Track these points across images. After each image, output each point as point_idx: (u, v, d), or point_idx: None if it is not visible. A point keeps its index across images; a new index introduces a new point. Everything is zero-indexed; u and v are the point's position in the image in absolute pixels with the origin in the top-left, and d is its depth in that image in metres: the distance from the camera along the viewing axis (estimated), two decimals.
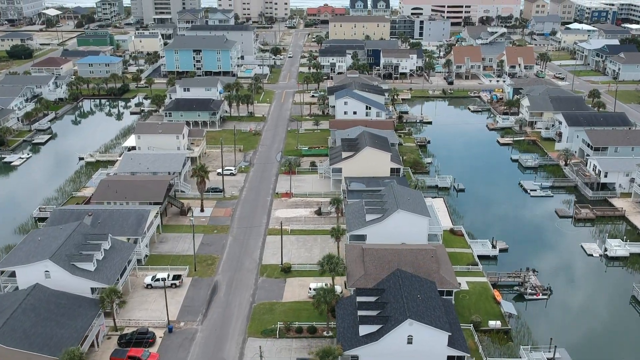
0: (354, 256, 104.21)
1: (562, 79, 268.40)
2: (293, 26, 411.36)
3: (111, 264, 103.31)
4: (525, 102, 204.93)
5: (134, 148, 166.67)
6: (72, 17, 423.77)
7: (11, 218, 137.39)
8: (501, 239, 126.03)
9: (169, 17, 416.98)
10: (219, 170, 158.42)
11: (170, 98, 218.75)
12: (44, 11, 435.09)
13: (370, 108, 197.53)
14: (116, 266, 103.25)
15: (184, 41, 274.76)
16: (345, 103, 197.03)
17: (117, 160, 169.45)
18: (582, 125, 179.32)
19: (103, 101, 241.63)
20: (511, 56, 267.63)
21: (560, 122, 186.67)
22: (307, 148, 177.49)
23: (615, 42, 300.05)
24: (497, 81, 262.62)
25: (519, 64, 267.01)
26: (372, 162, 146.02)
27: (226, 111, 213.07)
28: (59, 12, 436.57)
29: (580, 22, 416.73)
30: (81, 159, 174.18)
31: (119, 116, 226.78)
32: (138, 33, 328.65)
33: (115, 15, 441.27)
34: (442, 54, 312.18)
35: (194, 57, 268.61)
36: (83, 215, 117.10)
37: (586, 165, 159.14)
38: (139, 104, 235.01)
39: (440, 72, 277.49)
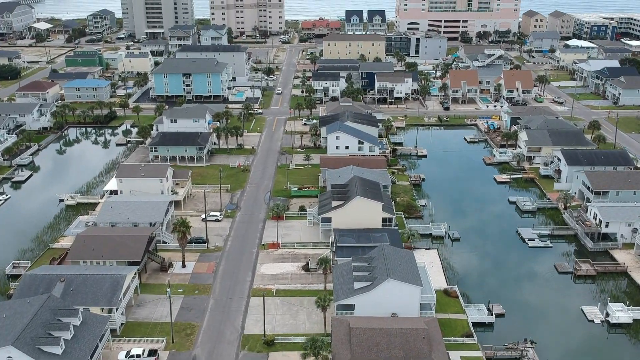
0: (340, 335, 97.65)
1: (561, 103, 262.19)
2: (287, 41, 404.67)
3: (81, 343, 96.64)
4: (523, 135, 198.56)
5: (115, 192, 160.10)
6: (63, 31, 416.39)
7: None
8: (498, 301, 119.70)
9: (161, 31, 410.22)
10: (204, 216, 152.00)
11: (157, 129, 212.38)
12: (34, 25, 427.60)
13: (362, 143, 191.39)
14: (86, 345, 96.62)
15: (174, 64, 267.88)
16: (337, 137, 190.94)
17: (99, 202, 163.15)
18: (581, 164, 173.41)
19: (89, 129, 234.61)
20: (509, 80, 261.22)
21: (559, 160, 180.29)
22: (296, 189, 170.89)
23: (615, 62, 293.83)
24: (495, 106, 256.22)
25: (517, 88, 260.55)
26: (363, 212, 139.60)
27: (215, 143, 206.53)
28: (49, 26, 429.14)
29: (580, 37, 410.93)
30: (61, 200, 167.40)
31: (106, 144, 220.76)
32: (128, 52, 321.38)
33: (106, 29, 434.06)
34: (438, 74, 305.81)
35: (183, 81, 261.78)
36: (55, 281, 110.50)
37: (586, 212, 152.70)
38: (126, 132, 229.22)
39: (436, 95, 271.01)
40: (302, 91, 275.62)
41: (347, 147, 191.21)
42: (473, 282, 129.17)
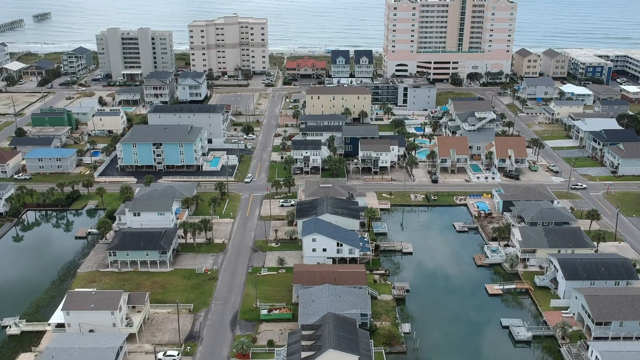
0: None
1: (557, 172, 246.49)
2: (271, 83, 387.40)
3: None
4: (516, 232, 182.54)
5: (62, 325, 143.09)
6: (36, 72, 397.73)
7: None
8: None
9: (139, 72, 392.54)
10: (160, 356, 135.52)
11: (119, 220, 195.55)
12: (6, 66, 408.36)
13: (341, 245, 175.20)
14: None
15: (143, 132, 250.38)
16: (314, 240, 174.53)
17: (46, 330, 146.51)
18: (581, 278, 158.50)
19: (50, 212, 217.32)
20: (501, 148, 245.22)
21: (556, 270, 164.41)
22: (266, 311, 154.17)
23: (613, 122, 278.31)
24: (486, 178, 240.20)
25: (509, 157, 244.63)
26: None
27: (181, 236, 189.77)
28: (22, 66, 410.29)
29: (574, 77, 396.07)
30: (4, 327, 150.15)
31: (67, 228, 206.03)
32: (99, 110, 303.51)
33: (82, 69, 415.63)
34: (427, 130, 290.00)
35: (154, 150, 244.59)
36: None
37: (587, 349, 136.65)
38: (92, 211, 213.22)
39: (423, 162, 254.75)
40: (282, 157, 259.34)
41: (324, 250, 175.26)
42: None
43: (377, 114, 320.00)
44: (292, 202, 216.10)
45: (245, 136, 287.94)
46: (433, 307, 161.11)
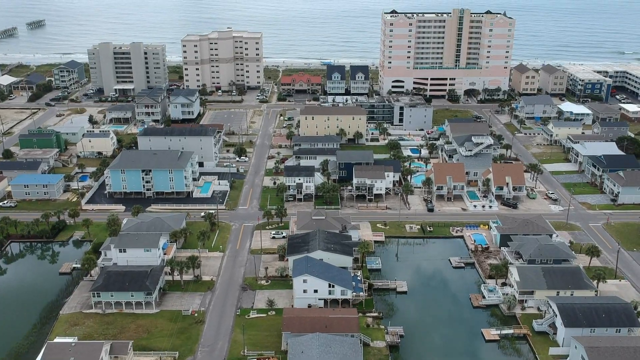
0: None
1: (555, 200, 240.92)
2: (265, 99, 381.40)
3: None
4: (514, 271, 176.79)
5: None
6: (27, 87, 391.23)
7: None
8: None
9: (131, 88, 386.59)
10: None
11: (105, 255, 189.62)
12: None
13: (333, 286, 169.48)
14: None
15: (132, 158, 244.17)
16: (305, 281, 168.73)
17: None
18: (580, 325, 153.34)
19: (35, 244, 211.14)
20: (498, 176, 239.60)
21: (555, 315, 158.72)
22: None
23: (613, 146, 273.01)
24: (483, 207, 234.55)
25: (507, 184, 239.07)
26: None
27: (168, 272, 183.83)
28: (13, 80, 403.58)
29: (573, 93, 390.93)
30: None
31: (52, 260, 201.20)
32: (88, 131, 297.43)
33: (74, 83, 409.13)
34: (424, 152, 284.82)
35: (143, 177, 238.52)
36: None
37: None
38: (78, 242, 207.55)
39: (419, 187, 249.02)
40: (274, 183, 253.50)
41: (315, 291, 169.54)
42: None
43: (372, 133, 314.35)
44: (284, 234, 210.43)
45: (237, 159, 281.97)
46: (428, 355, 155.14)
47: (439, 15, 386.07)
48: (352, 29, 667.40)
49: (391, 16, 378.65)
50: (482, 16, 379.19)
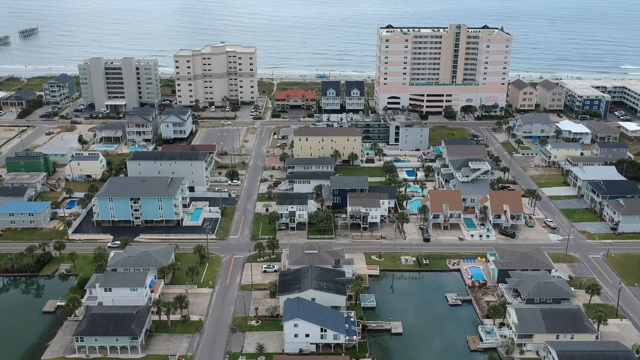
0: None
1: (554, 229, 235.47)
2: (259, 115, 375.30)
3: None
4: (512, 313, 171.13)
5: None
6: (16, 103, 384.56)
7: None
8: None
9: (123, 104, 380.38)
10: None
11: (90, 293, 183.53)
12: None
13: (325, 330, 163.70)
14: None
15: (121, 185, 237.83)
16: (296, 325, 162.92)
17: None
18: None
19: (19, 278, 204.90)
20: (496, 204, 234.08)
21: None
22: None
23: (613, 170, 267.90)
24: (481, 236, 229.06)
25: (505, 212, 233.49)
26: None
27: (155, 312, 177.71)
28: (2, 95, 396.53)
29: (571, 109, 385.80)
30: None
31: (37, 295, 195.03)
32: (76, 154, 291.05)
33: (65, 98, 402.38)
34: (420, 174, 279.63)
35: (131, 205, 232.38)
36: None
37: None
38: (63, 276, 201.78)
39: (415, 214, 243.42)
40: (267, 209, 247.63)
41: (307, 335, 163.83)
42: None
43: (367, 154, 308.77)
44: (275, 268, 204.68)
45: (229, 182, 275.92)
46: None
47: (435, 30, 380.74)
48: (348, 41, 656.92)
49: (387, 32, 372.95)
50: (479, 32, 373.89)
